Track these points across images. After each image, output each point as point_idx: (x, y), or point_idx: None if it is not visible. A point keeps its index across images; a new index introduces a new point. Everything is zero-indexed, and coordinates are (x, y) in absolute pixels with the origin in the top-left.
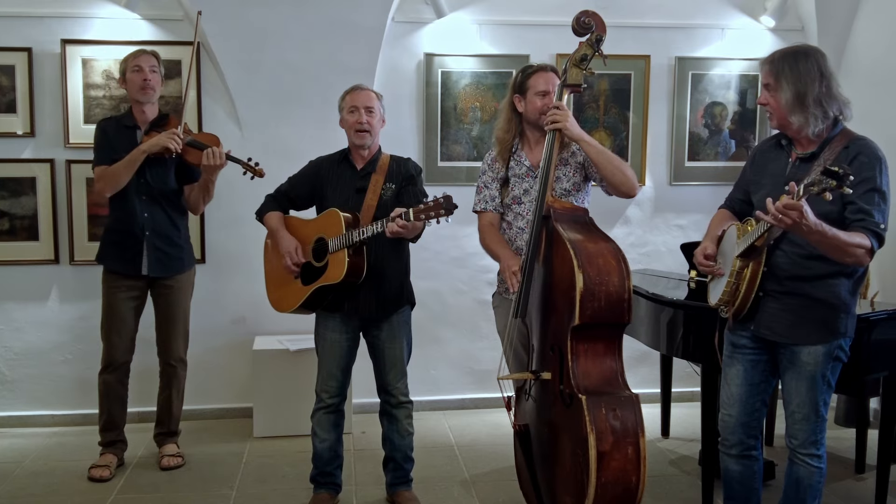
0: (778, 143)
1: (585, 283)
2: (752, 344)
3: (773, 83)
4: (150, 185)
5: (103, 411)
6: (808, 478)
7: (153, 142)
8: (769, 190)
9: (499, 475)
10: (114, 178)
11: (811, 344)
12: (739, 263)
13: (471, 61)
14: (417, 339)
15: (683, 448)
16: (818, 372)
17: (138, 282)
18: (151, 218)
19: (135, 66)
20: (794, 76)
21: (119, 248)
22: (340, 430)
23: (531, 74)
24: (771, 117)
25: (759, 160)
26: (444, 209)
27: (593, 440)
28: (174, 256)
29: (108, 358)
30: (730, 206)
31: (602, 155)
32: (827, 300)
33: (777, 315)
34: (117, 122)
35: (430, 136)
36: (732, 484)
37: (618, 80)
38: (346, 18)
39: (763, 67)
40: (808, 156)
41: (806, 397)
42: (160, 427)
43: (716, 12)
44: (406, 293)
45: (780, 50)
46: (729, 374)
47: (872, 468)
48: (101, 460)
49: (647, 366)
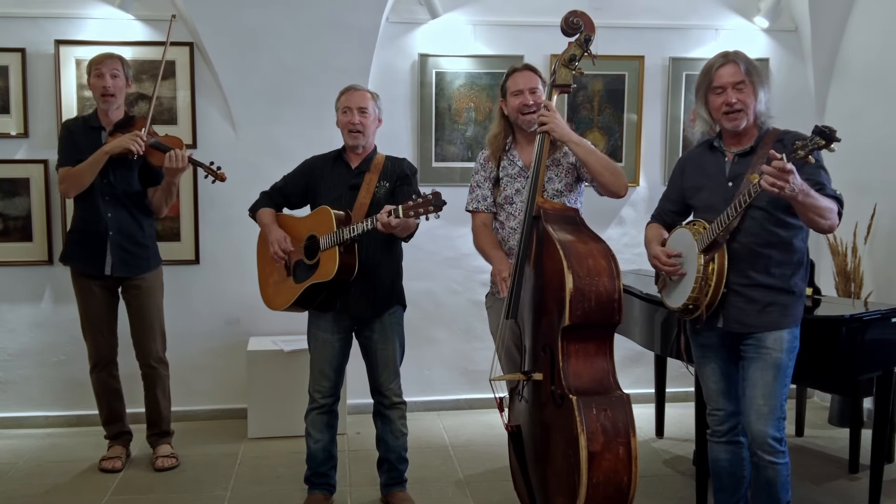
0: (709, 148)
1: (575, 283)
2: (720, 341)
3: (747, 81)
4: (114, 186)
5: (102, 406)
6: (777, 476)
7: (115, 143)
8: (711, 190)
9: (493, 475)
10: (77, 179)
11: (776, 329)
12: (705, 258)
13: (465, 62)
14: (411, 339)
15: (677, 448)
16: (782, 359)
17: (105, 282)
18: (115, 218)
19: (96, 72)
20: (761, 75)
21: (83, 247)
22: (334, 430)
23: (509, 76)
24: (739, 117)
25: (691, 167)
26: (432, 205)
27: (584, 440)
28: (139, 256)
29: (94, 356)
30: (660, 220)
31: (591, 155)
32: (786, 288)
33: (743, 308)
34: (84, 122)
35: (424, 136)
36: (721, 474)
37: (612, 81)
38: (340, 19)
39: (735, 66)
40: (745, 151)
41: (771, 388)
42: (152, 429)
43: (710, 13)
44: (397, 294)
45: (738, 51)
46: (705, 373)
47: (866, 468)
48: (111, 452)
49: (641, 366)
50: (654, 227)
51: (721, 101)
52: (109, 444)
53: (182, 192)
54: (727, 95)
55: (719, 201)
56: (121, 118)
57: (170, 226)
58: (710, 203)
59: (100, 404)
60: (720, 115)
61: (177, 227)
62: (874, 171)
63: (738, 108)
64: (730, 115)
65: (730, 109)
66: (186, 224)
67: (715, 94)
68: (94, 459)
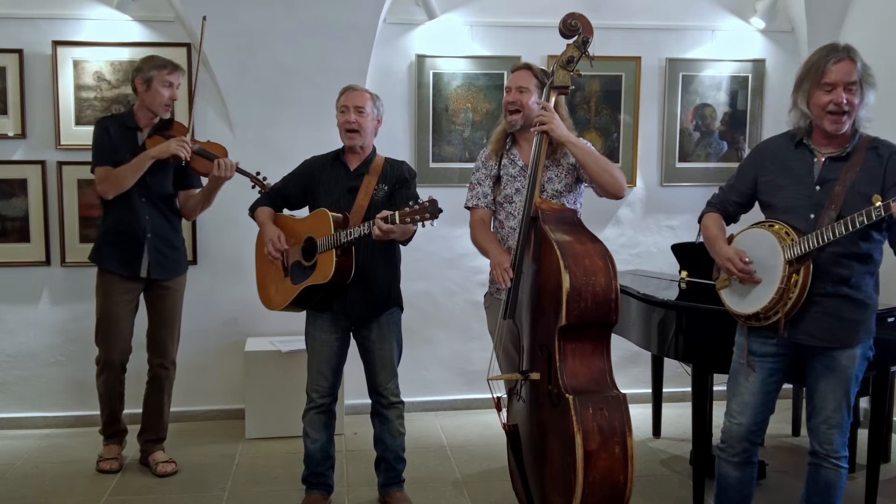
0: (794, 143)
1: (572, 283)
2: (778, 351)
3: (859, 82)
4: (150, 189)
5: (105, 409)
6: (838, 480)
7: (162, 148)
8: (795, 190)
9: (491, 475)
10: (119, 181)
11: (850, 347)
12: (789, 269)
13: (462, 62)
14: (409, 339)
15: (674, 448)
16: (853, 374)
17: (136, 284)
18: (153, 220)
19: (167, 82)
20: (872, 76)
21: (119, 249)
22: (331, 430)
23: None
24: (843, 120)
25: (772, 162)
26: (429, 213)
27: (580, 440)
28: (173, 259)
29: (106, 359)
30: (722, 209)
31: (589, 156)
32: (863, 300)
33: (818, 319)
34: (118, 121)
35: (421, 136)
36: (728, 490)
37: (609, 82)
38: (338, 20)
39: (851, 65)
40: (840, 155)
41: (842, 401)
42: (149, 433)
43: (706, 14)
44: (394, 295)
45: (851, 46)
46: (743, 383)
47: (863, 468)
48: (108, 452)
49: (638, 366)
50: (715, 218)
51: (829, 99)
52: (105, 442)
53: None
54: (837, 94)
55: (804, 204)
56: (157, 120)
57: None
58: (793, 204)
59: (103, 407)
60: (823, 114)
61: None
62: None
63: (846, 111)
64: (834, 116)
65: (837, 110)
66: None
67: (823, 91)
68: (92, 460)
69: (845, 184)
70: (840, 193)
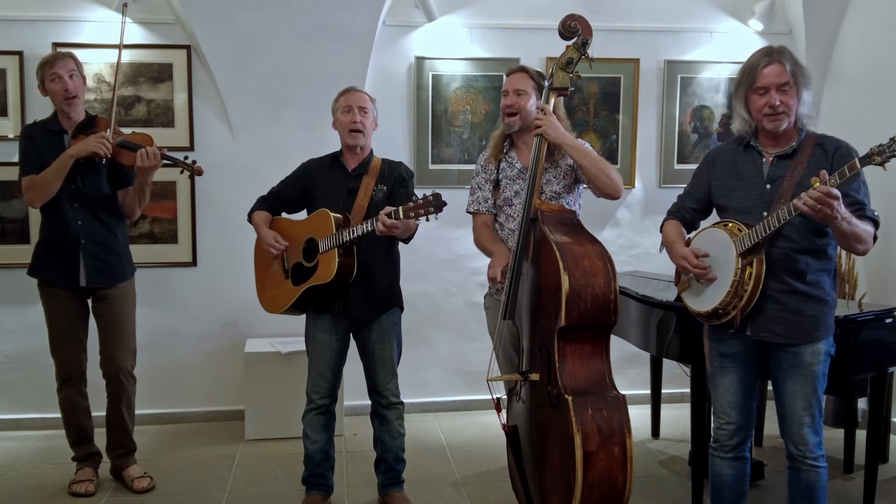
0: (743, 147)
1: (571, 284)
2: (744, 350)
3: (791, 83)
4: (83, 192)
5: (72, 427)
6: (818, 480)
7: (81, 146)
8: (746, 191)
9: (490, 476)
10: (43, 187)
11: (813, 342)
12: (742, 262)
13: (461, 64)
14: (408, 341)
15: (673, 448)
16: (819, 371)
17: (77, 293)
18: (87, 225)
19: (52, 75)
20: (806, 75)
21: (54, 259)
22: (331, 431)
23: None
24: (781, 119)
25: (722, 166)
26: (433, 206)
27: (579, 440)
28: (114, 265)
29: (64, 372)
30: (680, 217)
31: (585, 157)
32: (821, 297)
33: (777, 316)
34: (43, 127)
35: (420, 138)
36: (723, 490)
37: (607, 84)
38: (337, 22)
39: (780, 67)
40: (785, 154)
41: (811, 399)
42: (117, 449)
43: (704, 16)
44: (395, 295)
45: (783, 48)
46: (721, 385)
47: (861, 468)
48: (81, 475)
49: (637, 367)
50: (673, 225)
51: (764, 102)
52: (78, 465)
53: (179, 194)
54: (770, 97)
55: (757, 203)
56: (82, 119)
57: (167, 228)
58: (746, 204)
59: (68, 425)
60: (761, 116)
61: (174, 230)
62: (868, 173)
63: (782, 111)
64: (771, 117)
65: (772, 112)
66: (184, 226)
67: (757, 95)
68: None
69: (793, 180)
70: (789, 189)
